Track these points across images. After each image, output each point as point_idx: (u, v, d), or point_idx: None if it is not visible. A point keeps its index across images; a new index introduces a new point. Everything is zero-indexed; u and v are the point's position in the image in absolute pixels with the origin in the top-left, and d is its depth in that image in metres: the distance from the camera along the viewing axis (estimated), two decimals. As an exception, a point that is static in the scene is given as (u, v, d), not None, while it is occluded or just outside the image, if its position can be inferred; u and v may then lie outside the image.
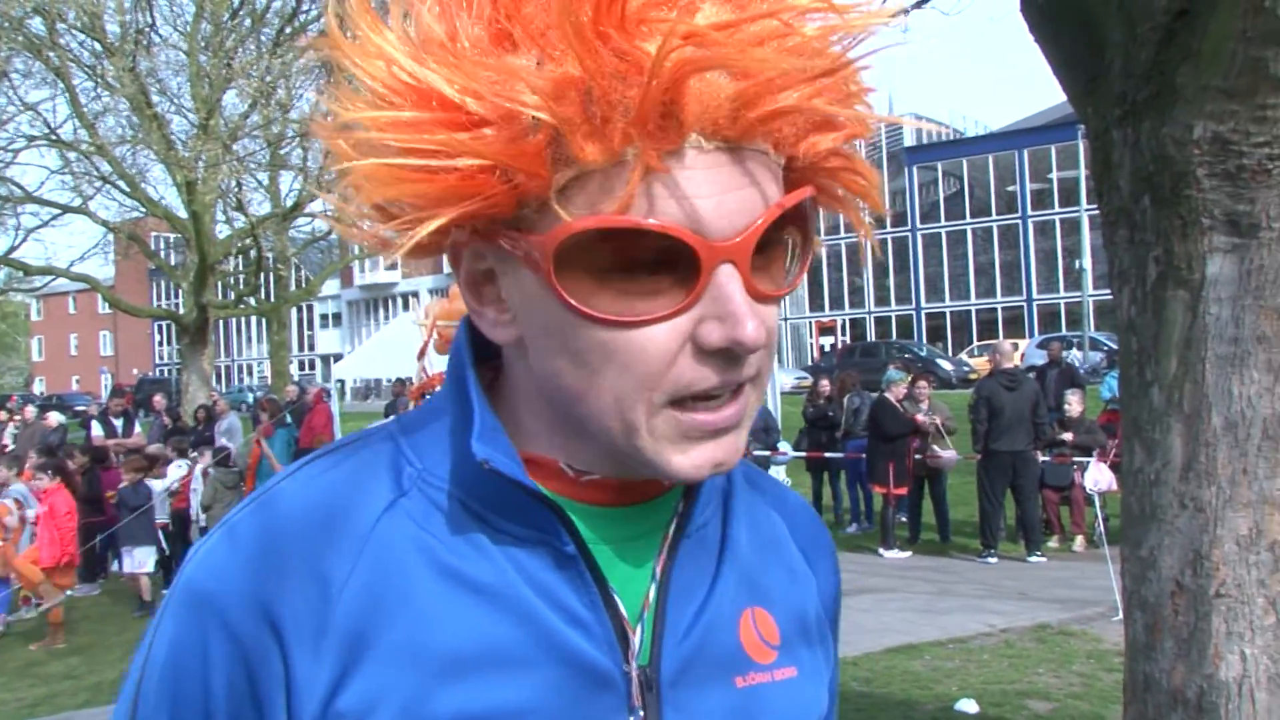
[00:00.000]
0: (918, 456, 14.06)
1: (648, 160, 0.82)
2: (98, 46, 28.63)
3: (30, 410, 25.30)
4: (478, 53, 0.84)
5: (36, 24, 27.89)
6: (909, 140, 59.38)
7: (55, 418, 22.85)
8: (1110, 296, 5.15)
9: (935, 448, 14.08)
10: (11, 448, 20.21)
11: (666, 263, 0.85)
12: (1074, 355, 31.82)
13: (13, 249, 35.07)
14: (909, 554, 14.00)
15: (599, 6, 0.79)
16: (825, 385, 17.08)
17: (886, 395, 14.36)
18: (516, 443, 0.97)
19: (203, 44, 28.45)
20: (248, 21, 28.88)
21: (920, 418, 14.06)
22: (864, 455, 14.70)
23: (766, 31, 0.83)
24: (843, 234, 59.30)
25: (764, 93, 0.83)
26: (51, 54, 28.39)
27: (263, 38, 28.96)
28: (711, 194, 0.84)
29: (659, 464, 0.90)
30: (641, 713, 0.94)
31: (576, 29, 0.79)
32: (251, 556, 0.90)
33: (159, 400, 23.77)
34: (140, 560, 12.85)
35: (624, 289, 0.85)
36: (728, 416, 0.90)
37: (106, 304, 36.62)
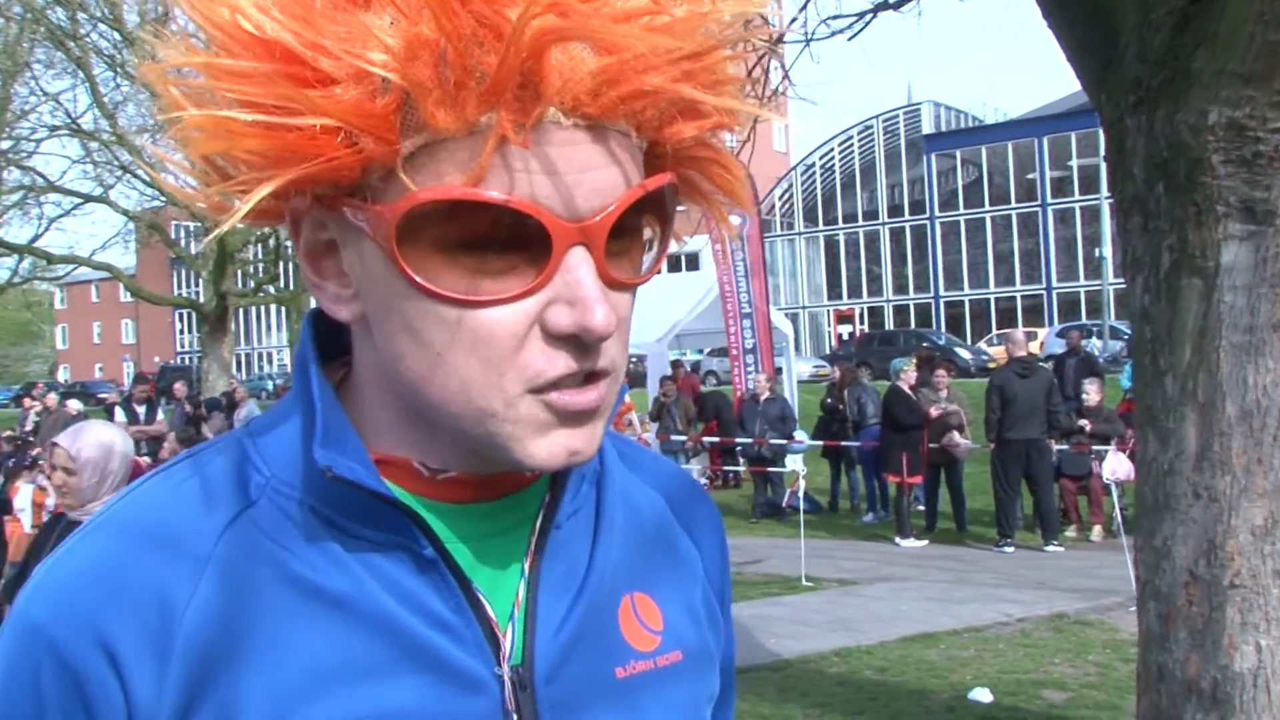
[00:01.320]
0: (933, 445, 14.01)
1: (502, 131, 0.78)
2: (117, 36, 28.74)
3: (53, 398, 25.41)
4: (329, 7, 0.78)
5: (58, 15, 28.01)
6: (927, 127, 59.22)
7: (75, 405, 22.93)
8: (1130, 285, 5.11)
9: (955, 435, 14.04)
10: (32, 436, 20.28)
11: (517, 241, 0.81)
12: (1094, 344, 31.70)
13: (36, 238, 35.28)
14: (925, 543, 13.97)
15: None
16: (839, 374, 17.08)
17: (898, 384, 14.30)
18: (369, 441, 0.92)
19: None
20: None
21: (933, 410, 14.02)
22: (878, 444, 14.63)
23: (635, 9, 0.79)
24: (861, 222, 59.27)
25: (627, 71, 0.79)
26: (72, 44, 28.52)
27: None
28: (568, 171, 0.80)
29: (513, 450, 0.85)
30: (515, 716, 0.90)
31: None
32: (86, 583, 0.85)
33: (180, 388, 23.86)
34: None
35: (472, 267, 0.81)
36: (589, 399, 0.85)
37: (128, 292, 36.73)
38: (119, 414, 19.78)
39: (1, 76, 31.26)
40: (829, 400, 16.70)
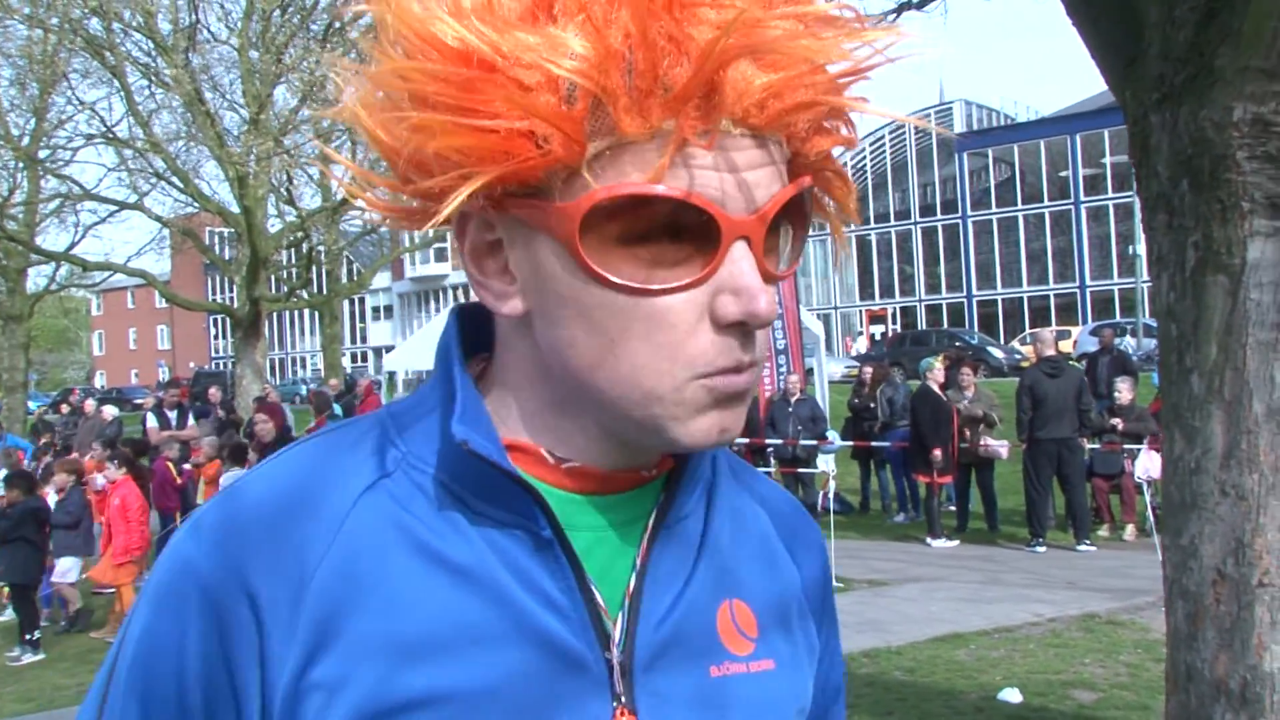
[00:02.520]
0: (964, 445, 13.96)
1: (684, 135, 0.85)
2: (151, 45, 28.95)
3: (90, 404, 25.64)
4: (523, 19, 0.85)
5: (95, 25, 28.26)
6: (959, 126, 59.00)
7: (110, 411, 23.12)
8: (1162, 282, 5.10)
9: (987, 438, 13.99)
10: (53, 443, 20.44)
11: (687, 236, 0.88)
12: (1128, 342, 31.52)
13: (73, 245, 35.59)
14: (956, 543, 13.92)
15: None
16: (869, 374, 17.02)
17: (927, 383, 14.26)
18: (501, 430, 0.99)
19: (253, 40, 28.68)
20: (297, 18, 29.05)
21: (960, 407, 13.98)
22: (908, 444, 14.60)
23: (790, 31, 0.87)
24: (893, 222, 59.15)
25: (793, 85, 0.87)
26: (108, 54, 28.76)
27: (311, 31, 29.13)
28: (734, 173, 0.88)
29: (671, 430, 0.92)
30: (623, 698, 0.95)
31: (634, 4, 0.82)
32: (238, 529, 0.93)
33: (214, 393, 23.97)
34: (64, 570, 12.66)
35: (646, 259, 0.88)
36: (742, 381, 0.93)
37: (163, 298, 37.02)
38: (150, 419, 19.92)
39: (39, 86, 31.63)
40: (856, 401, 16.65)
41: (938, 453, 13.86)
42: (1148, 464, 12.14)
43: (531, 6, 0.86)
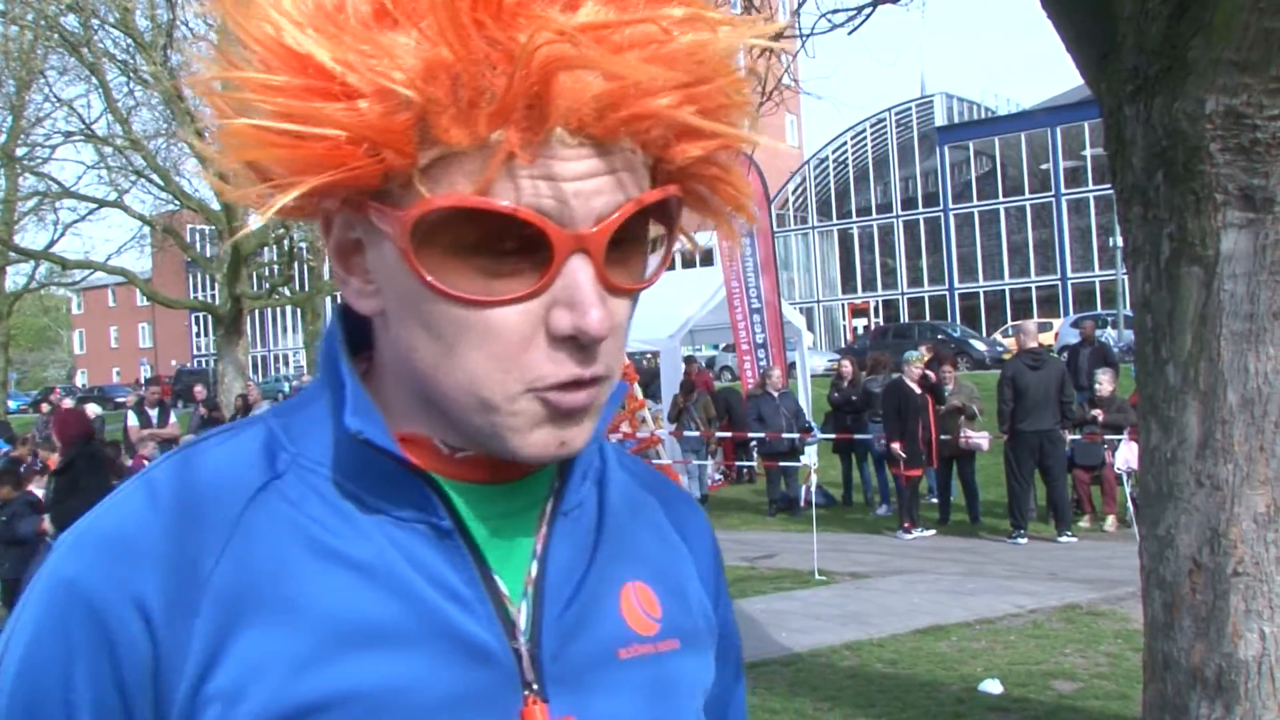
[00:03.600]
0: (945, 437, 14.01)
1: (510, 147, 0.83)
2: (130, 42, 28.83)
3: (67, 402, 25.55)
4: (361, 27, 0.84)
5: (71, 21, 28.14)
6: (940, 119, 59.08)
7: (93, 409, 23.04)
8: (1144, 274, 5.12)
9: (968, 430, 14.03)
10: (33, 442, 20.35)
11: (523, 248, 0.87)
12: (1109, 334, 31.63)
13: (52, 244, 35.48)
14: (933, 533, 13.95)
15: None
16: (848, 368, 17.04)
17: (902, 377, 14.33)
18: (391, 423, 0.97)
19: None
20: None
21: (955, 403, 14.05)
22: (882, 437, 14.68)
23: (641, 36, 0.85)
24: (875, 215, 59.17)
25: (629, 96, 0.85)
26: (86, 50, 28.63)
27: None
28: (569, 184, 0.86)
29: (509, 441, 0.92)
30: (533, 686, 0.95)
31: (452, 14, 0.80)
32: (121, 542, 0.90)
33: (200, 390, 23.93)
34: None
35: (482, 269, 0.87)
36: (581, 399, 0.92)
37: (144, 297, 36.91)
38: (131, 418, 19.85)
39: (16, 84, 31.49)
40: (837, 395, 16.69)
41: (897, 445, 13.95)
42: (1128, 455, 12.19)
43: (375, 14, 0.85)
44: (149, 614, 0.87)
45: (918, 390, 14.05)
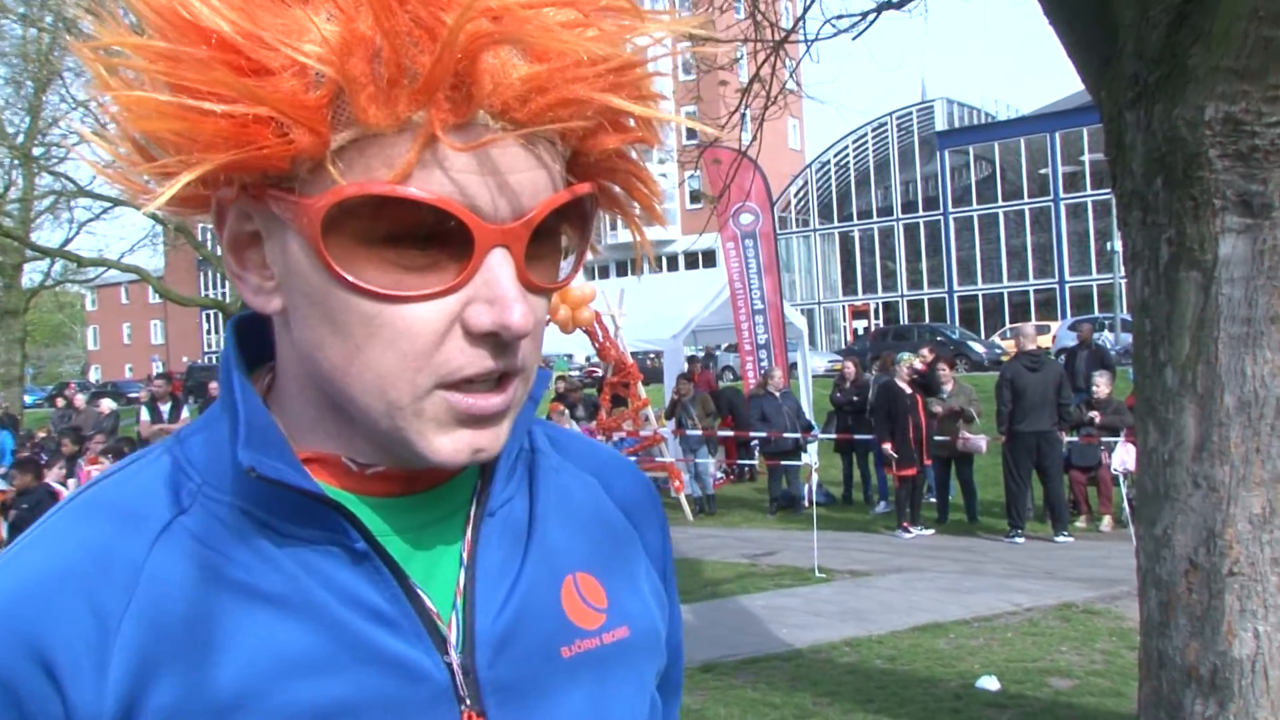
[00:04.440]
0: (943, 439, 14.01)
1: (432, 130, 0.79)
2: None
3: (80, 398, 25.59)
4: (268, 1, 0.78)
5: (87, 24, 28.20)
6: (940, 124, 59.04)
7: (108, 404, 23.10)
8: (1142, 278, 5.12)
9: (966, 432, 14.03)
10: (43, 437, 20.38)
11: (440, 240, 0.82)
12: (1106, 337, 31.60)
13: (67, 242, 35.53)
14: (931, 532, 13.96)
15: None
16: (851, 369, 17.05)
17: (893, 378, 14.35)
18: (297, 440, 0.92)
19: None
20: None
21: (938, 407, 14.05)
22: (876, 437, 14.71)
23: (566, 21, 0.81)
24: (876, 218, 59.12)
25: (556, 79, 0.81)
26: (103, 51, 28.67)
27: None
28: (493, 174, 0.82)
29: (418, 445, 0.86)
30: (468, 702, 0.90)
31: None
32: (19, 599, 0.83)
33: (214, 387, 23.91)
34: None
35: (395, 262, 0.82)
36: (495, 404, 0.87)
37: (157, 294, 36.95)
38: (143, 413, 19.87)
39: (34, 84, 31.53)
40: (838, 395, 16.69)
41: (887, 447, 13.98)
42: (1124, 456, 12.19)
43: None
44: (54, 670, 0.81)
45: (908, 390, 14.05)
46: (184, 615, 0.85)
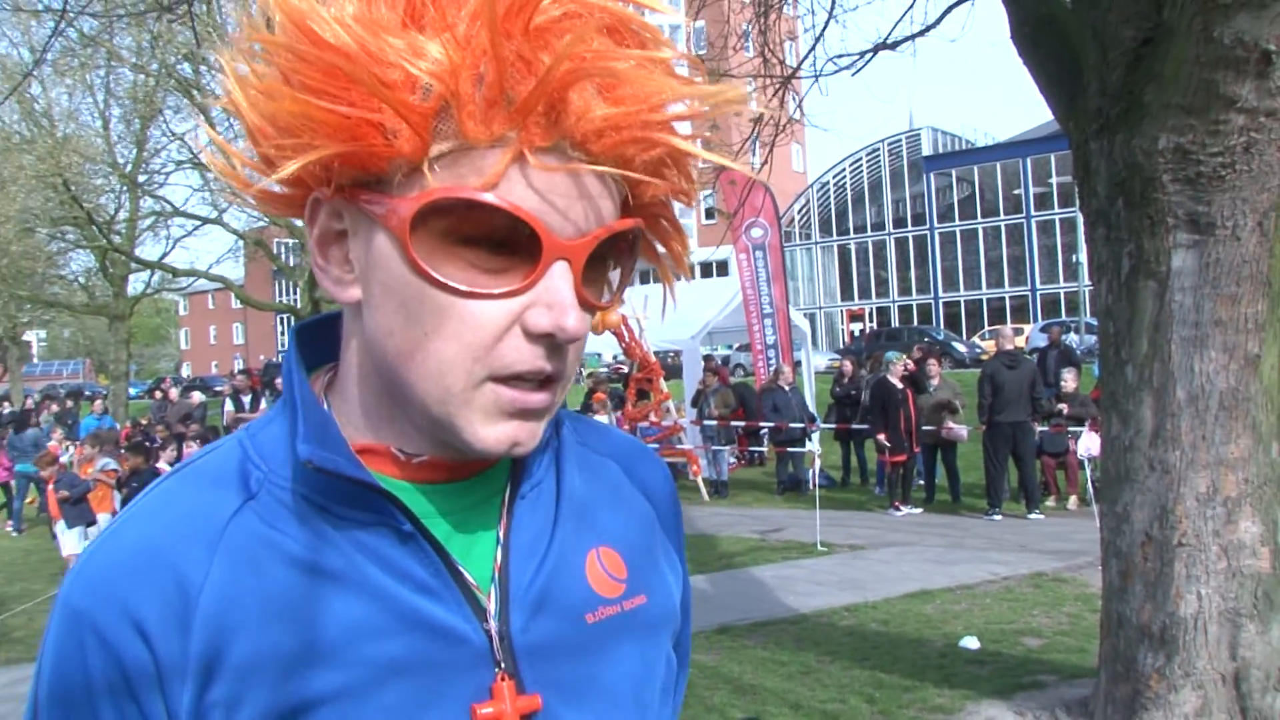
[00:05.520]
0: (930, 428, 13.99)
1: (521, 148, 0.80)
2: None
3: (174, 391, 25.83)
4: (392, 24, 0.80)
5: (186, 69, 28.42)
6: (927, 150, 58.78)
7: (198, 396, 23.30)
8: (1099, 286, 5.15)
9: (950, 423, 14.00)
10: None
11: (511, 246, 0.83)
12: (1072, 338, 31.42)
13: (164, 255, 35.80)
14: (920, 511, 13.93)
15: (509, 9, 0.78)
16: (848, 367, 17.03)
17: (886, 375, 14.32)
18: (352, 434, 0.93)
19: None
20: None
21: (941, 398, 14.04)
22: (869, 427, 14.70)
23: (641, 67, 0.83)
24: (870, 232, 58.84)
25: (631, 120, 0.82)
26: (196, 92, 28.88)
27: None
28: (565, 195, 0.83)
29: (464, 432, 0.87)
30: (503, 664, 0.91)
31: (489, 23, 0.77)
32: (117, 570, 0.87)
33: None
34: (72, 543, 11.92)
35: (471, 262, 0.83)
36: (538, 401, 0.88)
37: (238, 300, 37.07)
38: (227, 404, 20.08)
39: (140, 121, 31.84)
40: (838, 389, 16.68)
41: (882, 437, 13.98)
42: (1089, 443, 12.15)
43: (404, 19, 0.80)
44: (147, 633, 0.84)
45: (899, 386, 14.04)
46: (255, 588, 0.87)
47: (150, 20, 17.07)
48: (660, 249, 0.98)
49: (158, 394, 27.43)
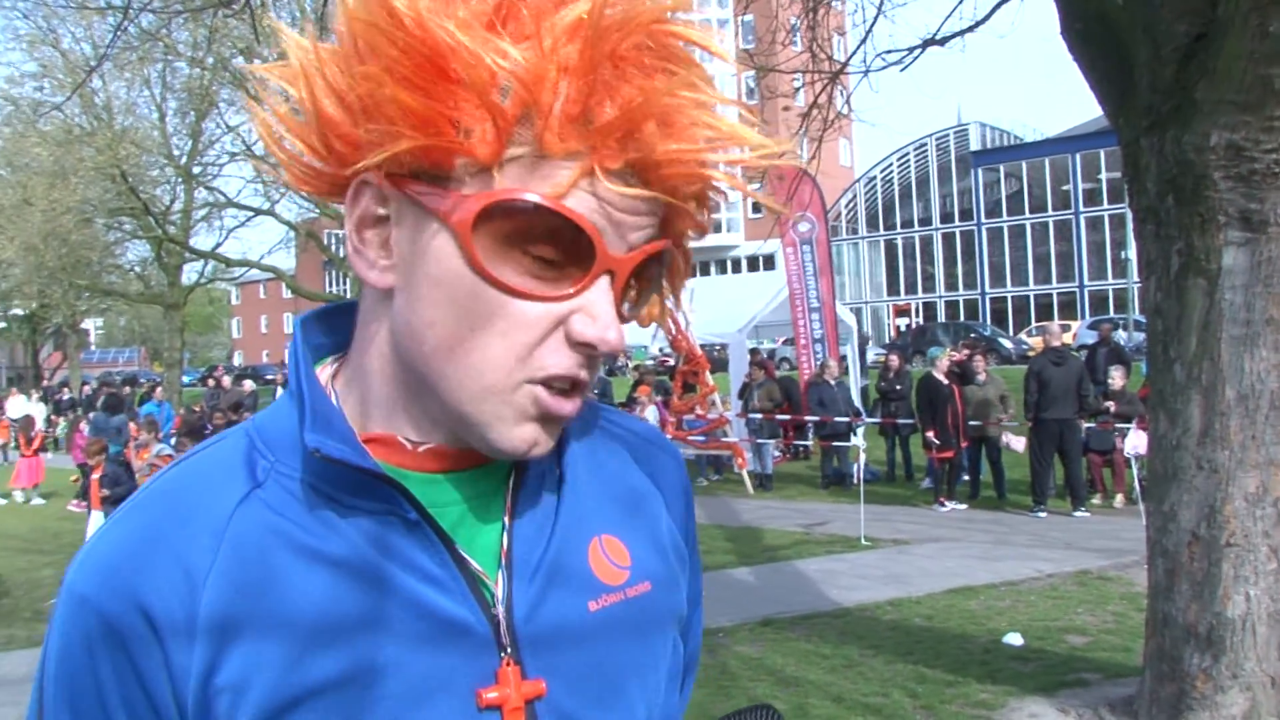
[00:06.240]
0: (976, 423, 13.90)
1: (593, 165, 0.82)
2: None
3: (227, 379, 26.18)
4: (475, 22, 0.80)
5: (240, 61, 28.74)
6: (975, 145, 58.30)
7: (249, 384, 23.59)
8: (1151, 283, 5.09)
9: (1008, 438, 13.88)
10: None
11: (565, 254, 0.84)
12: (1120, 335, 31.09)
13: (218, 246, 36.20)
14: (965, 507, 13.84)
15: (605, 30, 0.80)
16: (895, 361, 16.93)
17: (932, 371, 14.23)
18: (360, 423, 0.94)
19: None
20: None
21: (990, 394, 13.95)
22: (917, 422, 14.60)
23: (701, 106, 0.85)
24: (917, 228, 58.50)
25: (688, 157, 0.84)
26: (250, 85, 29.18)
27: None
28: (621, 213, 0.85)
29: (492, 430, 0.88)
30: (508, 651, 0.91)
31: (590, 39, 0.79)
32: (123, 557, 0.87)
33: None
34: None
35: (524, 265, 0.84)
36: (569, 409, 0.89)
37: (289, 290, 37.44)
38: (279, 392, 20.26)
39: (195, 114, 32.24)
40: (883, 384, 16.60)
41: (930, 434, 13.87)
42: (1136, 441, 12.02)
43: (490, 20, 0.80)
44: (153, 620, 0.85)
45: (945, 382, 13.94)
46: (260, 576, 0.87)
47: (207, 15, 17.29)
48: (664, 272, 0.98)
49: (210, 381, 27.80)
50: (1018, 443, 13.89)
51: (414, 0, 0.79)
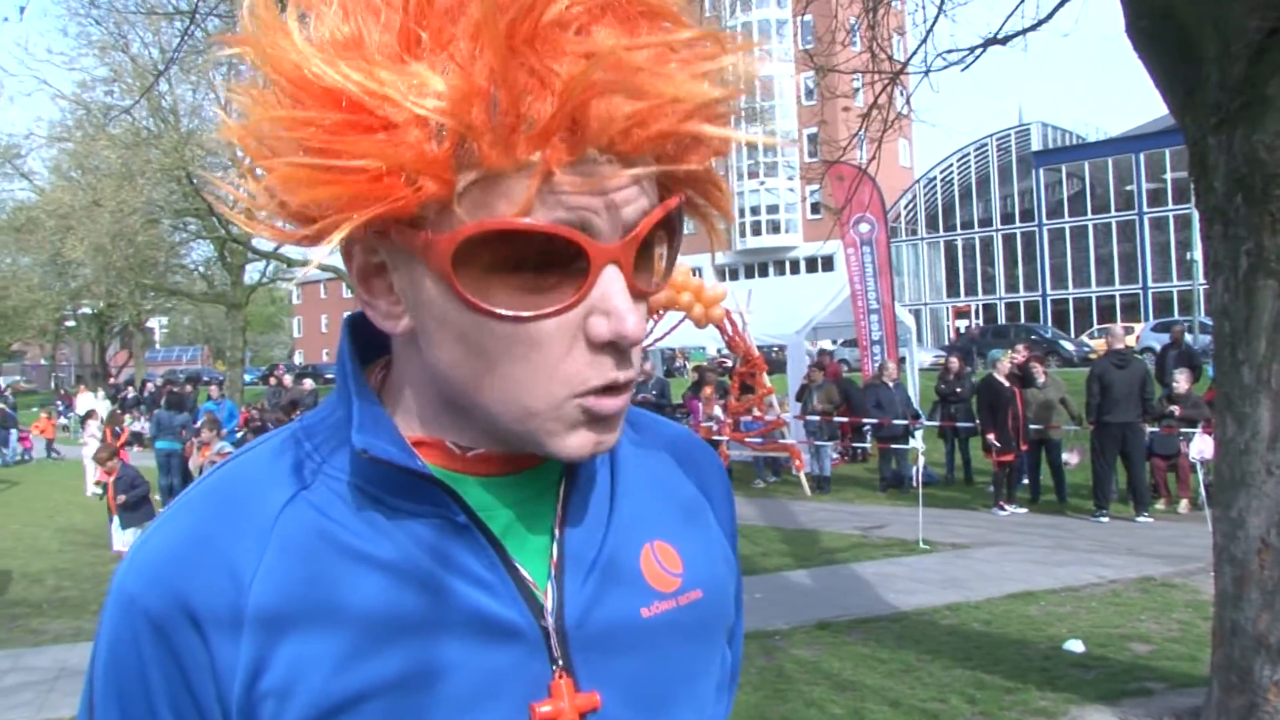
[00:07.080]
0: (1037, 426, 13.71)
1: (548, 168, 0.76)
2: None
3: (288, 378, 26.50)
4: (386, 59, 0.75)
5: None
6: (1036, 145, 57.62)
7: (309, 383, 23.85)
8: (1216, 286, 4.98)
9: (1066, 454, 13.71)
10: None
11: (559, 262, 0.79)
12: (1185, 338, 30.56)
13: (279, 246, 36.45)
14: (1025, 511, 13.66)
15: (513, 23, 0.73)
16: (955, 363, 16.75)
17: (993, 374, 14.06)
18: (406, 428, 0.92)
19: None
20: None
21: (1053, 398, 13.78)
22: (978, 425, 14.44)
23: (659, 56, 0.78)
24: (977, 229, 57.96)
25: (656, 115, 0.77)
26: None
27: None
28: (602, 200, 0.79)
29: (548, 444, 0.85)
30: (560, 661, 0.89)
31: (491, 41, 0.73)
32: (170, 558, 0.86)
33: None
34: (125, 541, 11.70)
35: (520, 286, 0.80)
36: (617, 406, 0.85)
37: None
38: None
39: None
40: (943, 386, 16.43)
41: (991, 436, 13.68)
42: (1201, 446, 11.80)
43: (398, 44, 0.75)
44: (199, 622, 0.84)
45: (1006, 384, 13.77)
46: (306, 578, 0.85)
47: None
48: (702, 202, 0.93)
49: (272, 380, 28.16)
50: (1073, 457, 13.71)
51: (322, 63, 0.75)
